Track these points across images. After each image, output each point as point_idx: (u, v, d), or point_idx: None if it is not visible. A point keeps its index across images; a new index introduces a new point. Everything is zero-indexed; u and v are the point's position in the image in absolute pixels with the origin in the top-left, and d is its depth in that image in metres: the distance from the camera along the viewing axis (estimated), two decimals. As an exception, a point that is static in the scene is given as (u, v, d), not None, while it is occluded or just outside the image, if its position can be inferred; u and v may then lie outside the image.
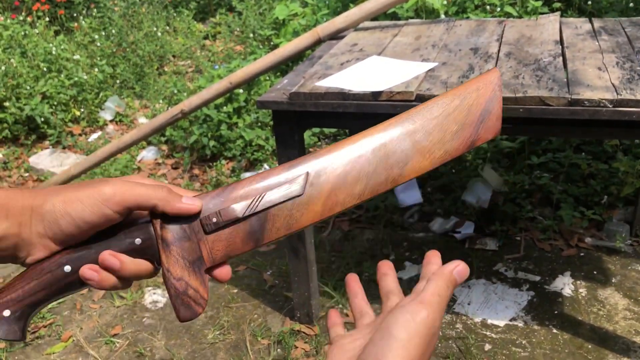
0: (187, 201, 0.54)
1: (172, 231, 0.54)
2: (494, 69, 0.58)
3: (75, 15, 5.80)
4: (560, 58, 1.92)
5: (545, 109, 1.63)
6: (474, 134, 0.56)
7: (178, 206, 0.54)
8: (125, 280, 0.54)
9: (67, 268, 0.52)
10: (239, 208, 0.54)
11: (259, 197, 0.54)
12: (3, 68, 3.94)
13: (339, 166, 0.55)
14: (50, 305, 2.45)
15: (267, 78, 3.89)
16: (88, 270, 0.52)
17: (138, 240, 0.54)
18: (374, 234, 2.76)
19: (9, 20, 4.49)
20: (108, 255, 0.53)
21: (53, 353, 2.21)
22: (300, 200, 0.55)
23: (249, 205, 0.54)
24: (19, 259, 0.53)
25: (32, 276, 0.51)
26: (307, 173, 0.55)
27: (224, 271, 0.55)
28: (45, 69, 4.11)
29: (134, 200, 0.53)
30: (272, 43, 4.57)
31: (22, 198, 0.52)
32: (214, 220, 0.54)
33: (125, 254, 0.53)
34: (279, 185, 0.54)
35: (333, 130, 3.63)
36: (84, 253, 0.53)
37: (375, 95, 1.74)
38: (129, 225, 0.55)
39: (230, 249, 0.54)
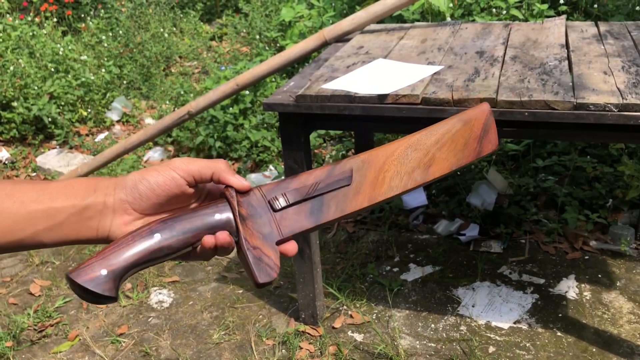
0: (239, 177, 0.63)
1: (246, 208, 0.62)
2: (484, 103, 0.74)
3: (82, 15, 5.83)
4: (566, 62, 1.93)
5: (551, 113, 1.63)
6: (479, 146, 0.71)
7: (230, 177, 0.62)
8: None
9: (158, 236, 0.58)
10: (300, 191, 0.64)
11: (314, 185, 0.64)
12: (11, 68, 3.97)
13: (378, 164, 0.67)
14: (57, 304, 2.48)
15: (273, 80, 3.91)
16: (209, 238, 0.60)
17: (217, 215, 0.61)
18: (378, 236, 2.77)
19: (17, 21, 4.52)
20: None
21: (60, 352, 2.22)
22: (348, 189, 0.65)
23: (308, 190, 0.64)
24: (103, 230, 0.60)
25: (126, 241, 0.58)
26: (351, 169, 0.66)
27: (291, 246, 0.63)
28: (52, 70, 4.14)
29: (197, 169, 0.61)
30: (278, 45, 4.58)
31: (110, 178, 0.62)
32: (281, 200, 0.63)
33: (207, 226, 0.61)
34: (330, 177, 0.65)
35: (339, 132, 3.64)
36: (172, 223, 0.59)
37: (381, 98, 1.75)
38: (196, 209, 0.62)
39: (296, 226, 0.63)
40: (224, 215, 0.61)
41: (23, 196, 0.58)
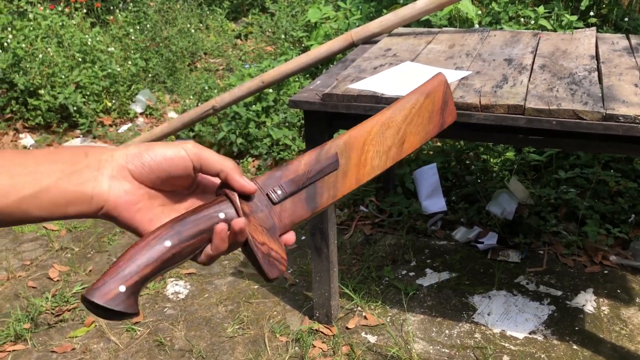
0: (246, 180, 0.61)
1: (248, 205, 0.62)
2: (439, 73, 0.76)
3: (111, 8, 5.90)
4: (596, 73, 1.91)
5: (579, 123, 1.62)
6: (441, 118, 0.74)
7: (238, 179, 0.60)
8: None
9: (168, 243, 0.56)
10: (295, 181, 0.64)
11: (307, 172, 0.64)
12: (40, 56, 4.03)
13: (359, 146, 0.68)
14: (74, 289, 2.51)
15: (297, 79, 3.92)
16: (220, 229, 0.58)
17: (221, 214, 0.60)
18: (395, 239, 2.76)
19: (47, 11, 4.59)
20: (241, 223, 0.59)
21: (76, 337, 2.25)
22: (337, 174, 0.66)
23: (303, 180, 0.64)
24: (99, 198, 0.56)
25: (138, 252, 0.55)
26: (336, 153, 0.66)
27: (290, 236, 0.63)
28: (80, 60, 4.20)
29: (206, 159, 0.59)
30: (303, 45, 4.60)
31: (100, 146, 0.59)
32: (279, 192, 0.63)
33: (212, 227, 0.59)
34: (318, 163, 0.65)
35: (360, 134, 3.64)
36: (179, 228, 0.57)
37: (408, 100, 1.75)
38: (199, 210, 0.60)
39: (295, 216, 0.64)
40: (228, 214, 0.60)
41: (4, 161, 0.53)
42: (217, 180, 0.64)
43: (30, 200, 0.53)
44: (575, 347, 2.09)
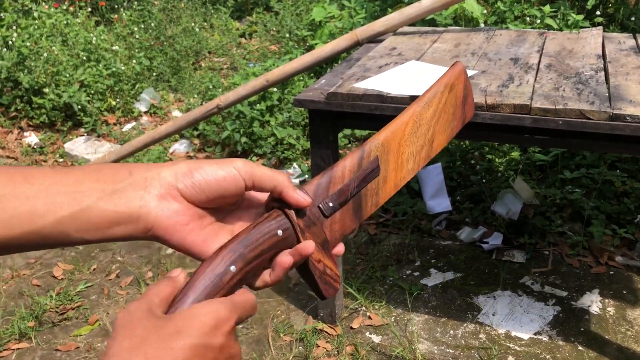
0: (301, 194, 0.57)
1: (302, 219, 0.59)
2: (457, 62, 0.72)
3: (115, 7, 5.90)
4: (602, 72, 1.90)
5: (585, 123, 1.61)
6: (463, 113, 0.71)
7: (293, 195, 0.57)
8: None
9: (233, 268, 0.53)
10: (343, 192, 0.61)
11: (353, 180, 0.62)
12: (45, 55, 4.03)
13: (395, 148, 0.65)
14: (78, 288, 2.51)
15: (301, 78, 3.91)
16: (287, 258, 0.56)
17: (279, 232, 0.57)
18: (400, 239, 2.76)
19: (52, 9, 4.60)
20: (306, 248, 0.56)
21: (80, 335, 2.25)
22: (378, 180, 0.64)
23: (350, 190, 0.61)
24: (147, 220, 0.53)
25: (203, 278, 0.52)
26: (377, 157, 0.63)
27: (340, 248, 0.61)
28: (84, 58, 4.20)
29: (259, 177, 0.56)
30: (307, 44, 4.59)
31: (145, 164, 0.56)
32: (330, 204, 0.60)
33: (271, 246, 0.56)
34: (361, 170, 0.62)
35: (364, 132, 3.64)
36: (242, 250, 0.54)
37: (414, 99, 1.74)
38: (256, 228, 0.57)
39: (344, 228, 0.61)
40: (285, 231, 0.57)
41: (43, 179, 0.50)
42: (263, 195, 0.61)
43: (68, 221, 0.50)
44: (580, 348, 2.08)
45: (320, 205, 0.59)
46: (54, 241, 0.50)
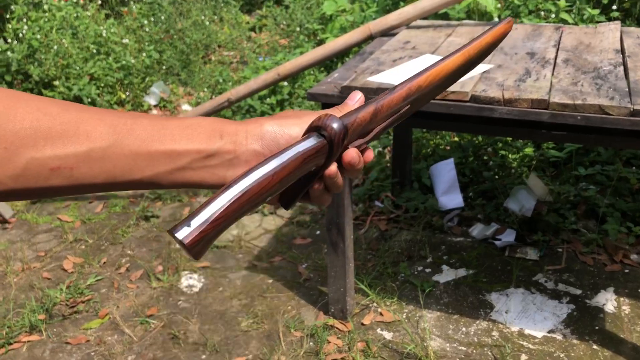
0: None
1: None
2: (509, 19, 0.69)
3: (125, 0, 5.89)
4: (622, 67, 1.87)
5: (605, 118, 1.58)
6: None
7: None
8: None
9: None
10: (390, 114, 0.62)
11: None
12: (55, 48, 4.02)
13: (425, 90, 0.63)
14: (88, 282, 2.50)
15: (311, 72, 3.89)
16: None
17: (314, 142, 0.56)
18: (411, 235, 2.73)
19: (62, 2, 4.59)
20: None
21: (90, 328, 2.25)
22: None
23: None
24: (227, 180, 0.56)
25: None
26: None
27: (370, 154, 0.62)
28: (94, 51, 4.19)
29: None
30: (318, 38, 4.56)
31: (234, 123, 0.57)
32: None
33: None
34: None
35: (375, 128, 3.61)
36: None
37: (429, 93, 1.72)
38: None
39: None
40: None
41: (144, 132, 0.53)
42: None
43: (163, 175, 0.54)
44: (595, 347, 2.05)
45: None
46: (145, 186, 0.55)
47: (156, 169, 0.53)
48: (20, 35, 4.20)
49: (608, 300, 2.27)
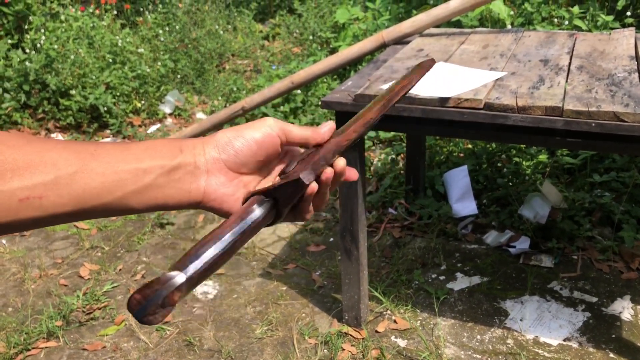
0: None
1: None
2: (430, 59, 0.80)
3: (140, 10, 5.97)
4: (636, 74, 1.86)
5: (620, 125, 1.58)
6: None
7: (323, 136, 0.65)
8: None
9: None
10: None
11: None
12: (72, 57, 4.08)
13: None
14: (105, 288, 2.53)
15: (324, 80, 3.91)
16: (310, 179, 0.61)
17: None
18: (425, 243, 2.73)
19: (79, 13, 4.66)
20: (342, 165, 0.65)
21: (106, 335, 2.27)
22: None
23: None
24: (197, 192, 0.59)
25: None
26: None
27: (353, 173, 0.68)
28: (110, 61, 4.25)
29: (289, 132, 0.62)
30: (330, 46, 4.59)
31: (192, 139, 0.60)
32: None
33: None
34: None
35: (389, 135, 3.62)
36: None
37: (443, 101, 1.73)
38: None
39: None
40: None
41: (108, 156, 0.54)
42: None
43: (132, 196, 0.55)
44: (612, 355, 2.03)
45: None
46: (116, 212, 0.56)
47: (124, 188, 0.55)
48: (38, 45, 4.27)
49: (625, 308, 2.25)
